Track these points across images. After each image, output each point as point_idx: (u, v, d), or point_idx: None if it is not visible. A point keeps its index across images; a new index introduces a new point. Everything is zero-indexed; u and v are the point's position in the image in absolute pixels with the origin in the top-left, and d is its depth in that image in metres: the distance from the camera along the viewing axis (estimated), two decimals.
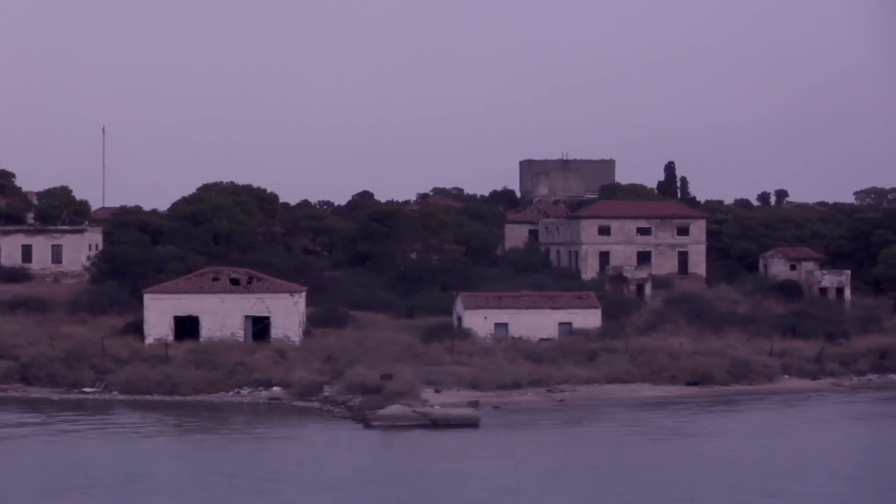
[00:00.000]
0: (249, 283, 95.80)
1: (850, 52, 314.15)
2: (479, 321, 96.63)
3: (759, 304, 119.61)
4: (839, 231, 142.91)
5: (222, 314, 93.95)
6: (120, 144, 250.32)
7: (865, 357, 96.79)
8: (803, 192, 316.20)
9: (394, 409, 73.50)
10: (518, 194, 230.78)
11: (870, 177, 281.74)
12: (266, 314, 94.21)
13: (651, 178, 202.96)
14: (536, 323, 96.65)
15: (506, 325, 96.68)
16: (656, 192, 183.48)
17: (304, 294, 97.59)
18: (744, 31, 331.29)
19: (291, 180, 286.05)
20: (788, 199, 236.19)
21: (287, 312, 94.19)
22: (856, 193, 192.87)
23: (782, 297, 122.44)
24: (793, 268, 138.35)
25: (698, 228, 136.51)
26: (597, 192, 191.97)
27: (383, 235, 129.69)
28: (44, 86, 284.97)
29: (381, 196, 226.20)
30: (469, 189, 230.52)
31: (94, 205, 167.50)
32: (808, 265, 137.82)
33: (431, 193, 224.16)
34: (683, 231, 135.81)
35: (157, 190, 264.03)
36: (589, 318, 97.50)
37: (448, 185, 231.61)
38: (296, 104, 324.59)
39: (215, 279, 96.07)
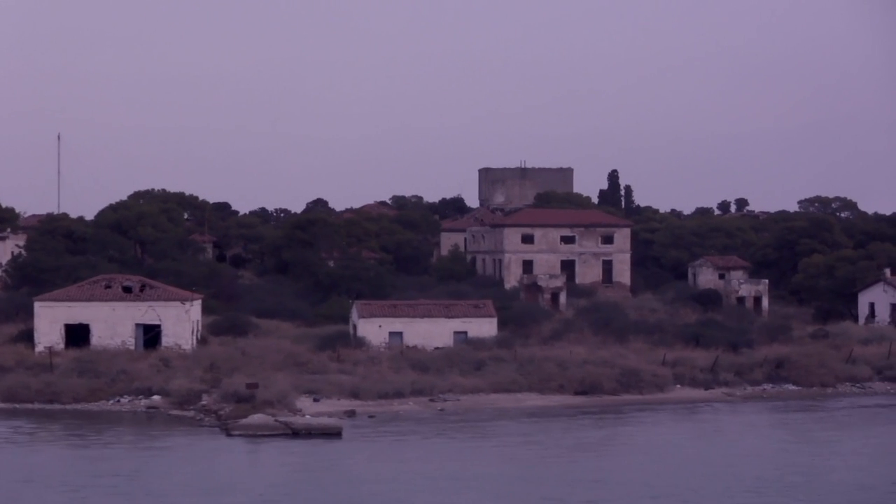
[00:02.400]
0: (142, 290, 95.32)
1: (843, 63, 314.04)
2: (373, 330, 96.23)
3: (675, 314, 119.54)
4: (766, 240, 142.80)
5: (113, 322, 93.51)
6: (75, 151, 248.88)
7: (762, 367, 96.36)
8: (775, 202, 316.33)
9: (255, 418, 72.96)
10: (477, 202, 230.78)
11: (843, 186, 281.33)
12: (157, 322, 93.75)
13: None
14: (431, 332, 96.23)
15: (400, 333, 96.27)
16: (598, 200, 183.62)
17: (198, 302, 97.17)
18: (728, 40, 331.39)
19: (251, 188, 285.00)
20: (748, 207, 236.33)
21: (178, 321, 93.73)
22: (800, 202, 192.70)
23: (699, 306, 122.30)
24: (721, 276, 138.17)
25: (623, 237, 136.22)
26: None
27: (303, 243, 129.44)
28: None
29: (338, 204, 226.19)
30: (429, 197, 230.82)
31: (49, 211, 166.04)
32: (737, 274, 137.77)
33: (389, 202, 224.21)
34: (608, 240, 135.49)
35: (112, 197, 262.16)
36: (485, 327, 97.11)
37: (408, 194, 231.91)
38: (263, 113, 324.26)
39: (107, 287, 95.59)
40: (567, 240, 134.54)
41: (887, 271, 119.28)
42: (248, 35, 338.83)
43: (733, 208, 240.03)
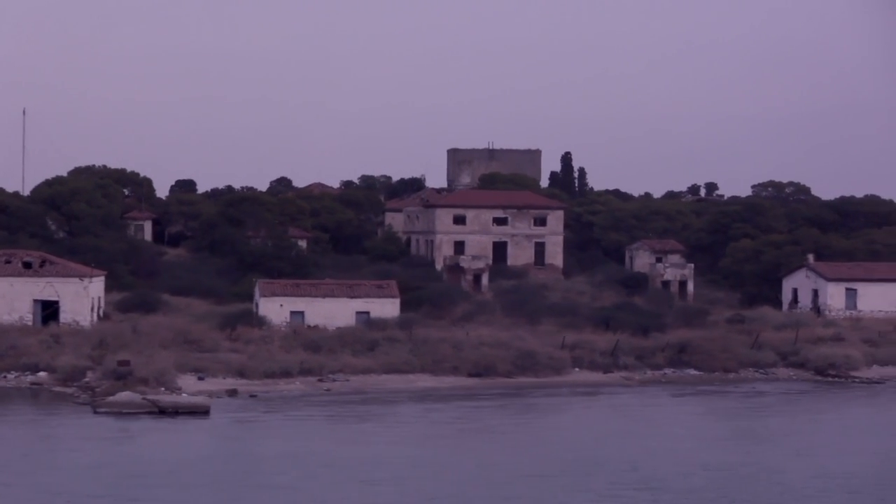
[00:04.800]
0: (42, 266, 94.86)
1: (834, 52, 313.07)
2: (274, 308, 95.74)
3: (598, 297, 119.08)
4: (701, 224, 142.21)
5: (11, 297, 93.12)
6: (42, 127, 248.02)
7: (664, 351, 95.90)
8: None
9: (122, 395, 72.60)
10: (446, 183, 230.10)
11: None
12: (55, 298, 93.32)
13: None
14: (333, 311, 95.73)
15: (302, 313, 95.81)
16: (548, 183, 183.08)
17: (99, 279, 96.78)
18: (708, 29, 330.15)
19: (217, 165, 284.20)
20: (718, 192, 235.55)
21: (76, 297, 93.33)
22: (753, 186, 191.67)
23: (624, 289, 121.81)
24: (659, 260, 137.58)
25: (556, 219, 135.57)
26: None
27: (232, 221, 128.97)
28: None
29: (301, 182, 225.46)
30: (399, 177, 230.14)
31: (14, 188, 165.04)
32: (674, 258, 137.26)
33: (357, 182, 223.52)
34: (541, 222, 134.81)
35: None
36: (387, 308, 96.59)
37: (377, 174, 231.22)
38: (236, 89, 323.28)
39: (7, 262, 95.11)
40: (499, 221, 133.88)
41: (811, 257, 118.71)
42: (226, 7, 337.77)
43: (703, 192, 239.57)
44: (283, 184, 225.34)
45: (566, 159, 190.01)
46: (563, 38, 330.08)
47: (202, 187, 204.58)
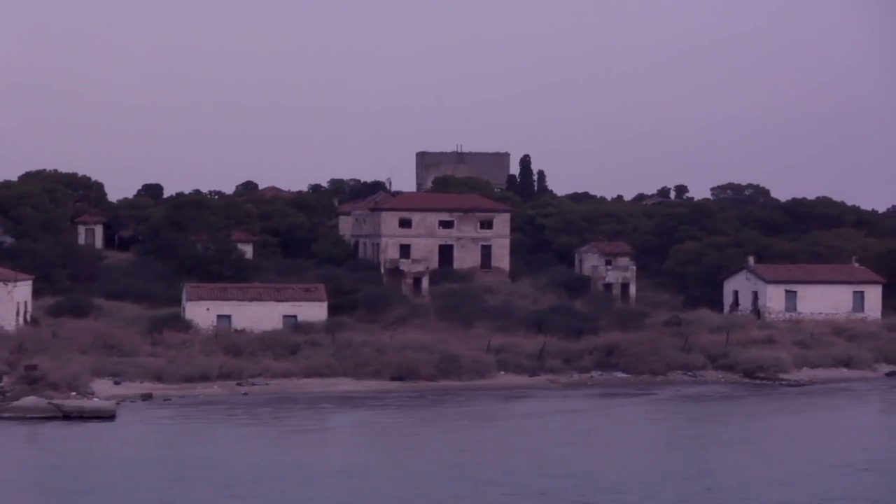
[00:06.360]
0: None
1: (833, 52, 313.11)
2: (201, 312, 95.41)
3: (539, 300, 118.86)
4: (648, 226, 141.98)
5: None
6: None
7: (591, 354, 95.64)
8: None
9: (27, 400, 72.26)
10: (415, 187, 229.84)
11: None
12: None
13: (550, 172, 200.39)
14: (260, 315, 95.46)
15: (229, 316, 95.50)
16: (504, 187, 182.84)
17: (26, 283, 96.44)
18: (695, 30, 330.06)
19: (190, 170, 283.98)
20: (687, 194, 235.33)
21: (0, 301, 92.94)
22: (712, 189, 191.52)
23: (566, 291, 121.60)
24: (608, 263, 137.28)
25: (502, 222, 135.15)
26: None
27: (176, 225, 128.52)
28: None
29: (269, 185, 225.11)
30: (369, 179, 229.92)
31: None
32: (623, 260, 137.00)
33: (326, 185, 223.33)
34: (487, 224, 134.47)
35: None
36: (315, 311, 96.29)
37: (346, 177, 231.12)
38: (210, 92, 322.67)
39: None
40: (445, 224, 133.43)
41: (751, 259, 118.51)
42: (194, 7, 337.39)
43: (672, 195, 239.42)
44: (248, 187, 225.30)
45: (525, 162, 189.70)
46: (537, 40, 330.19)
47: (170, 191, 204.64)
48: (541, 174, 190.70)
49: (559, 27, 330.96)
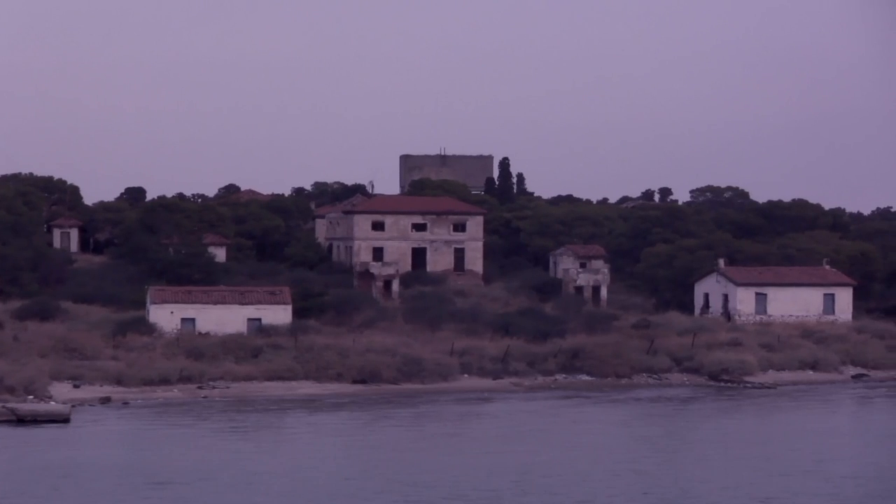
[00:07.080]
0: None
1: (839, 57, 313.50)
2: (165, 316, 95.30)
3: (509, 302, 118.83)
4: (622, 228, 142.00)
5: None
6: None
7: (556, 357, 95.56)
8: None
9: None
10: (398, 189, 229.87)
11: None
12: None
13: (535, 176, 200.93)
14: (224, 318, 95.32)
15: (193, 320, 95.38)
16: (483, 190, 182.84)
17: None
18: (684, 35, 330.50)
19: (170, 173, 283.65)
20: (671, 197, 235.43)
21: None
22: (692, 191, 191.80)
23: (537, 294, 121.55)
24: (583, 265, 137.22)
25: (475, 225, 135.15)
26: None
27: (148, 228, 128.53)
28: None
29: (254, 188, 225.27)
30: (354, 182, 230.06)
31: None
32: (597, 263, 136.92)
33: (309, 189, 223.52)
34: (461, 227, 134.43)
35: None
36: (279, 315, 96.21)
37: (330, 180, 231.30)
38: (194, 96, 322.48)
39: None
40: (418, 227, 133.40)
41: (721, 262, 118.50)
42: (182, 16, 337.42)
43: (657, 198, 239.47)
44: (230, 191, 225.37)
45: (504, 165, 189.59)
46: (525, 46, 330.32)
47: (153, 194, 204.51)
48: (520, 177, 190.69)
49: (546, 33, 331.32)
